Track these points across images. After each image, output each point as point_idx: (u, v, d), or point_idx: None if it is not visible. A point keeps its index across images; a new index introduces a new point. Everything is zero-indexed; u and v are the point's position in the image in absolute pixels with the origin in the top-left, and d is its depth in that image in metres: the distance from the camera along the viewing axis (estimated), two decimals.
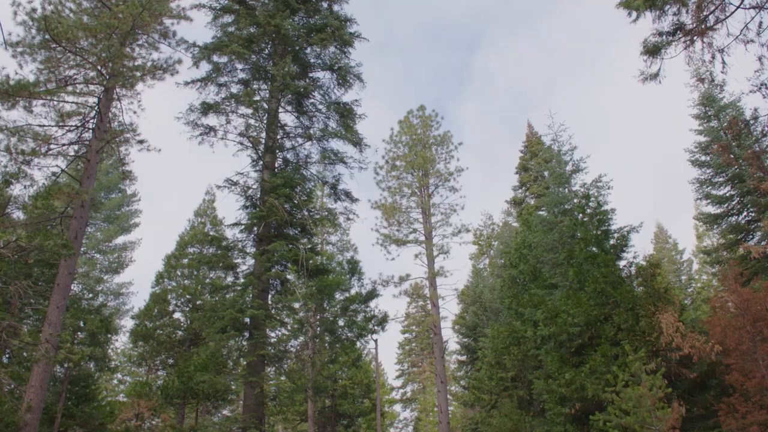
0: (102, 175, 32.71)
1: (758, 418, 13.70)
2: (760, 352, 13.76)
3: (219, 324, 22.01)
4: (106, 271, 36.14)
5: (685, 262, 47.26)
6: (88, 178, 18.04)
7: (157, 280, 30.33)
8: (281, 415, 28.83)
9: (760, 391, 13.99)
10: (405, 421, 58.88)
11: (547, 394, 17.48)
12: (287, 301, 25.08)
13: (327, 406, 33.62)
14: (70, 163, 19.38)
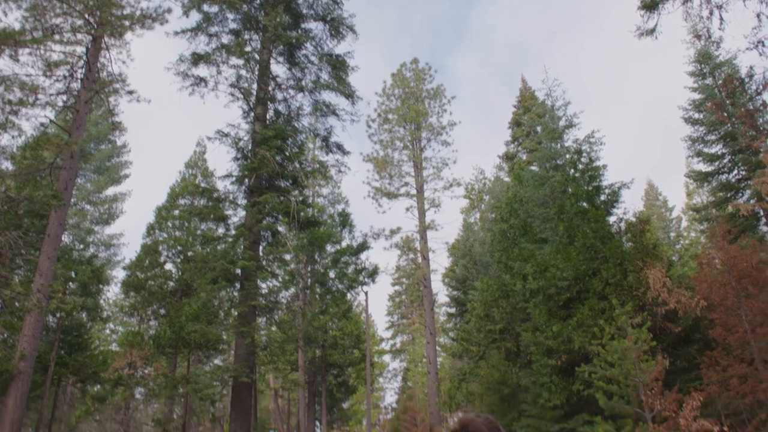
0: (91, 126, 32.38)
1: (738, 371, 14.02)
2: (744, 307, 13.99)
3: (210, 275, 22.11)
4: (97, 222, 36.10)
5: (675, 219, 47.61)
6: (77, 129, 17.86)
7: (148, 232, 30.34)
8: (272, 364, 29.24)
9: (742, 345, 14.28)
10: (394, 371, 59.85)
11: (535, 346, 17.76)
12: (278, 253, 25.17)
13: (317, 356, 34.07)
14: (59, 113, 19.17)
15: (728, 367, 14.21)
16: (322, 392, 34.81)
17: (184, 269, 27.78)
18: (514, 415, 19.59)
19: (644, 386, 12.86)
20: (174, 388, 23.06)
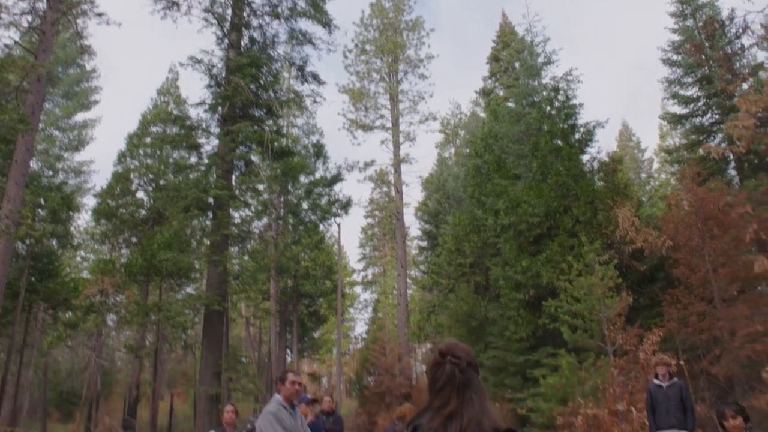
0: (59, 49, 31.38)
1: (698, 308, 14.47)
2: (708, 248, 14.33)
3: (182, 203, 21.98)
4: (66, 148, 35.43)
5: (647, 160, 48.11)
6: (43, 51, 17.30)
7: (119, 159, 29.84)
8: (244, 293, 29.39)
9: (703, 285, 14.70)
10: (365, 302, 60.68)
11: (504, 281, 18.07)
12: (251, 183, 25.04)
13: (289, 286, 34.36)
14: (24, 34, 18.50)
15: (689, 305, 14.66)
16: (293, 322, 35.29)
17: (156, 197, 27.54)
18: (480, 347, 20.10)
19: (608, 321, 13.25)
20: (146, 316, 23.20)
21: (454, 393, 2.28)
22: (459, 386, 2.29)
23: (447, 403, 2.26)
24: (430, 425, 2.23)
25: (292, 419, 5.51)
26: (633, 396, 11.50)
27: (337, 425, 10.58)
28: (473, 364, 2.36)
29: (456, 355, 2.34)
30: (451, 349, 2.37)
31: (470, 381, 2.31)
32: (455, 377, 2.30)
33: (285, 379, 5.63)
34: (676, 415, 9.20)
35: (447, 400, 2.27)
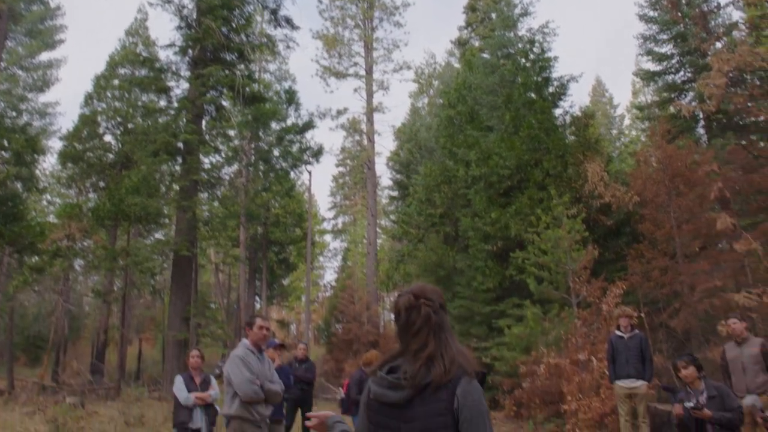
0: None
1: (660, 263, 14.78)
2: (673, 205, 14.55)
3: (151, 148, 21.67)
4: (30, 89, 34.38)
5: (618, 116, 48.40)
6: None
7: (86, 101, 29.06)
8: (213, 239, 29.25)
9: (667, 240, 14.98)
10: (334, 250, 60.88)
11: (473, 232, 18.22)
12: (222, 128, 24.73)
13: (259, 233, 34.27)
14: None
15: (652, 260, 14.96)
16: (262, 269, 35.32)
17: (124, 141, 27.02)
18: (448, 297, 20.36)
19: (573, 274, 13.48)
20: (114, 261, 23.01)
21: (431, 335, 2.28)
22: (434, 328, 2.30)
23: (426, 346, 2.25)
24: (410, 368, 2.23)
25: (260, 363, 5.56)
26: (594, 346, 11.78)
27: (310, 372, 10.72)
28: (444, 306, 2.37)
29: (429, 298, 2.35)
30: (424, 292, 2.37)
31: (443, 323, 2.33)
32: (431, 319, 2.30)
33: (253, 323, 5.66)
34: (635, 365, 9.49)
35: (425, 342, 2.26)
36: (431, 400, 2.15)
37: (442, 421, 2.12)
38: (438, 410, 2.14)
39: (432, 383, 2.16)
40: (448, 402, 2.13)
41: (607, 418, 10.68)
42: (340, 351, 31.89)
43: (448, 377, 2.17)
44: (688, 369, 5.38)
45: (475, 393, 2.17)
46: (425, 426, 2.15)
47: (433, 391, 2.16)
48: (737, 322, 7.85)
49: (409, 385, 2.18)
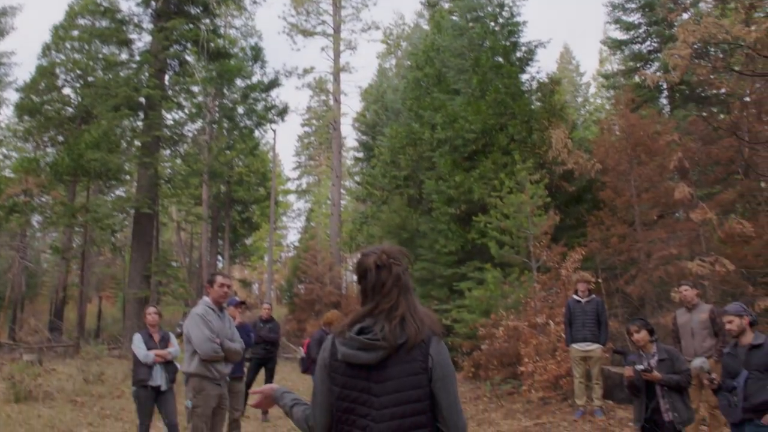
0: None
1: (619, 230, 15.05)
2: (634, 173, 14.76)
3: (112, 102, 21.18)
4: None
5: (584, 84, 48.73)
6: None
7: (43, 52, 28.08)
8: (175, 197, 28.93)
9: (626, 208, 15.23)
10: (298, 211, 60.71)
11: (437, 195, 18.29)
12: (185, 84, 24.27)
13: (222, 192, 33.97)
14: None
15: (611, 227, 15.22)
16: (225, 228, 35.08)
17: (84, 95, 26.26)
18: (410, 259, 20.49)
19: (534, 239, 13.65)
20: (73, 217, 22.61)
21: (401, 295, 2.27)
22: (403, 289, 2.30)
23: (397, 306, 2.25)
24: (384, 327, 2.22)
25: (220, 321, 5.54)
26: (552, 310, 12.00)
27: (274, 332, 10.74)
28: (408, 268, 2.39)
29: (398, 258, 2.35)
30: (393, 252, 2.36)
31: (410, 284, 2.34)
32: (400, 279, 2.30)
33: (214, 281, 5.62)
34: (591, 329, 9.72)
35: (396, 302, 2.25)
36: (405, 359, 2.17)
37: (417, 380, 2.15)
38: (413, 370, 2.16)
39: (407, 343, 2.17)
40: (423, 361, 2.15)
41: (562, 380, 10.95)
42: (302, 311, 32.03)
43: (421, 337, 2.18)
44: (640, 333, 5.53)
45: (445, 352, 2.21)
46: (399, 385, 2.16)
47: (407, 351, 2.17)
48: (689, 288, 8.08)
49: (385, 345, 2.18)
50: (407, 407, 2.14)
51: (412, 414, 2.13)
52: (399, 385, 2.16)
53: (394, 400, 2.15)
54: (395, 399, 2.15)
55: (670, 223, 14.70)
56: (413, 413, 2.13)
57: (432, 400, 2.15)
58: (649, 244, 14.09)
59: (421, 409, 2.14)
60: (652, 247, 13.90)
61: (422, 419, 2.13)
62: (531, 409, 10.99)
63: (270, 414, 10.80)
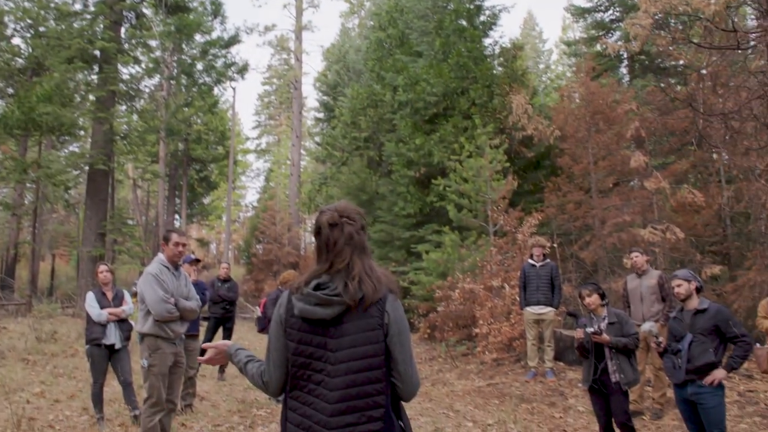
0: None
1: (576, 197, 15.31)
2: (592, 141, 14.95)
3: (65, 54, 20.53)
4: None
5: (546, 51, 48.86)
6: None
7: None
8: (131, 154, 28.32)
9: (583, 175, 15.46)
10: (257, 171, 60.13)
11: (397, 157, 18.29)
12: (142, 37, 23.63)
13: (180, 150, 33.42)
14: None
15: (568, 194, 15.46)
16: (182, 186, 34.62)
17: (35, 45, 25.28)
18: (369, 221, 20.53)
19: (492, 203, 13.80)
20: (24, 173, 21.97)
21: (354, 254, 2.29)
22: (357, 248, 2.30)
23: (352, 264, 2.26)
24: (342, 284, 2.23)
25: (175, 279, 5.48)
26: (508, 274, 12.19)
27: (232, 291, 10.72)
28: (365, 228, 2.38)
29: (352, 217, 2.35)
30: (347, 211, 2.35)
31: (365, 244, 2.34)
32: (353, 238, 2.31)
33: (169, 239, 5.52)
34: (545, 293, 9.93)
35: (350, 261, 2.27)
36: (362, 315, 2.19)
37: (373, 336, 2.17)
38: (369, 325, 2.18)
39: (364, 300, 2.19)
40: (379, 317, 2.18)
41: (515, 342, 11.19)
42: (260, 271, 31.99)
43: (378, 294, 2.20)
44: (591, 297, 5.68)
45: (400, 310, 2.25)
46: (354, 341, 2.18)
47: (364, 308, 2.19)
48: (639, 255, 8.29)
49: (343, 301, 2.19)
50: (362, 362, 2.17)
51: (367, 369, 2.17)
52: (355, 340, 2.18)
53: (349, 355, 2.18)
54: (351, 354, 2.18)
55: (625, 191, 14.99)
56: (368, 368, 2.17)
57: (387, 356, 2.19)
58: (604, 211, 14.36)
59: (376, 363, 2.17)
60: (607, 214, 14.18)
61: (377, 374, 2.17)
62: (484, 370, 11.22)
63: (226, 373, 10.85)
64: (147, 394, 5.26)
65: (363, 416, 2.15)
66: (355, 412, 2.15)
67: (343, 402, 2.17)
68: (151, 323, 5.26)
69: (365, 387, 2.16)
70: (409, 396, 2.22)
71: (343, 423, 2.16)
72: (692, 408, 5.12)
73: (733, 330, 5.00)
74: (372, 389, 2.16)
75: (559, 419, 7.94)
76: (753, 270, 11.19)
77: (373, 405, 2.15)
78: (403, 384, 2.19)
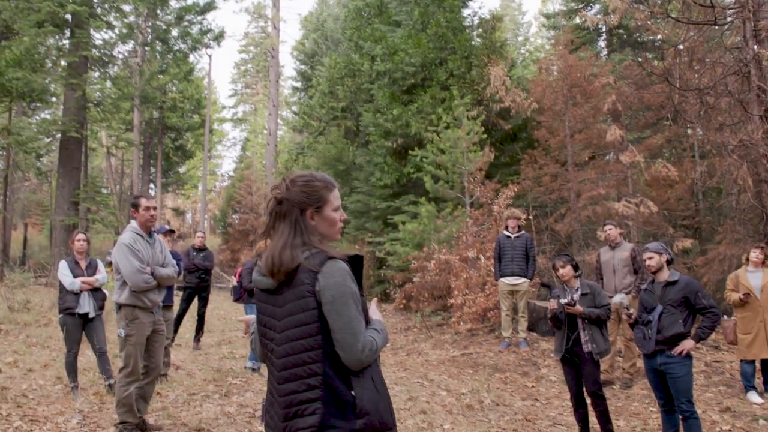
0: None
1: (552, 170, 15.42)
2: (569, 114, 15.01)
3: (35, 17, 20.01)
4: None
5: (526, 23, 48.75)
6: None
7: None
8: (105, 122, 27.86)
9: (560, 148, 15.56)
10: (234, 140, 59.66)
11: (374, 128, 18.22)
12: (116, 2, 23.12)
13: (155, 118, 32.97)
14: None
15: (544, 166, 15.56)
16: (157, 155, 34.21)
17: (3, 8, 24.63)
18: (345, 191, 20.54)
19: (469, 174, 13.83)
20: None
21: (278, 220, 2.31)
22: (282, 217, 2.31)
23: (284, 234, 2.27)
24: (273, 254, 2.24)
25: (150, 247, 5.41)
26: (483, 245, 12.27)
27: (207, 260, 10.68)
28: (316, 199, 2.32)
29: (293, 182, 2.32)
30: (294, 182, 2.33)
31: (292, 211, 2.30)
32: (281, 206, 2.31)
33: (138, 205, 5.41)
34: (519, 264, 10.03)
35: (283, 230, 2.28)
36: (296, 283, 2.19)
37: (305, 303, 2.16)
38: (300, 293, 2.18)
39: (299, 267, 2.19)
40: (310, 285, 2.16)
41: (489, 313, 11.31)
42: (236, 241, 31.87)
43: (313, 262, 2.19)
44: (565, 268, 5.76)
45: (337, 274, 2.18)
46: (291, 309, 2.20)
47: (296, 276, 2.19)
48: (613, 228, 8.40)
49: (269, 272, 2.22)
50: (297, 330, 2.18)
51: (302, 337, 2.17)
52: (291, 309, 2.20)
53: (287, 324, 2.21)
54: (288, 322, 2.21)
55: (601, 165, 15.12)
56: (302, 336, 2.17)
57: (324, 324, 2.17)
58: (580, 184, 14.49)
59: (308, 332, 2.17)
60: (582, 187, 14.31)
61: (311, 342, 2.16)
62: (459, 340, 11.35)
63: (202, 342, 10.86)
64: (123, 363, 5.23)
65: (303, 384, 2.16)
66: (297, 380, 2.18)
67: (286, 370, 2.20)
68: (128, 293, 5.22)
69: (301, 355, 2.17)
70: (352, 364, 2.17)
71: (287, 390, 2.19)
72: (661, 377, 5.24)
73: (702, 301, 5.11)
74: (308, 357, 2.16)
75: (532, 388, 8.08)
76: (723, 244, 11.39)
77: (311, 373, 2.16)
78: (343, 352, 2.15)
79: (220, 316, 15.91)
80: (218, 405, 6.36)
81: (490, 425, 6.08)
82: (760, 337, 7.29)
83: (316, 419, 2.12)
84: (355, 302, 2.18)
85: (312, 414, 2.14)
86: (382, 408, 2.22)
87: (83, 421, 5.73)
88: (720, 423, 6.44)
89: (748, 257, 7.70)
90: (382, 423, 2.19)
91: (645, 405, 7.27)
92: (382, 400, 2.24)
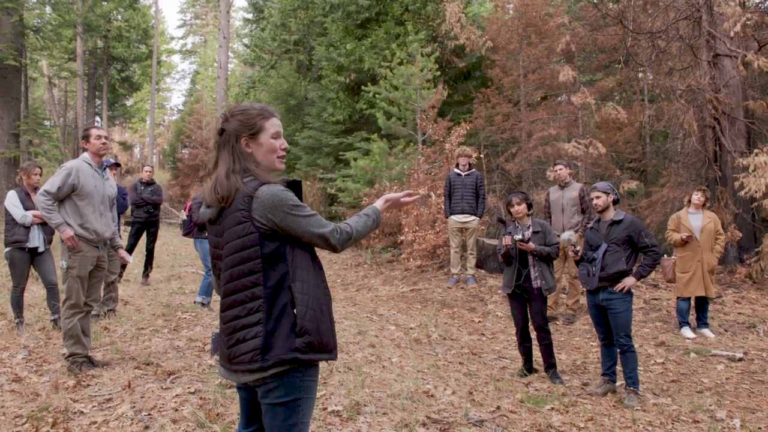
0: None
1: (504, 109, 15.48)
2: (523, 54, 14.99)
3: None
4: None
5: None
6: None
7: None
8: (46, 50, 26.72)
9: (513, 88, 15.59)
10: (183, 72, 58.20)
11: (327, 62, 17.92)
12: None
13: (99, 47, 31.75)
14: None
15: (497, 105, 15.60)
16: (103, 86, 33.12)
17: None
18: (297, 126, 20.30)
19: (421, 112, 13.79)
20: None
21: (231, 155, 2.31)
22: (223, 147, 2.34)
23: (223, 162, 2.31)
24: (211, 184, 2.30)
25: (96, 178, 5.25)
26: (435, 183, 12.34)
27: (156, 195, 10.51)
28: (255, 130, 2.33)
29: (233, 114, 2.34)
30: (234, 113, 2.36)
31: (230, 141, 2.32)
32: (222, 134, 2.34)
33: (89, 135, 5.26)
34: (469, 202, 10.11)
35: (224, 160, 2.32)
36: (233, 210, 2.22)
37: (241, 229, 2.20)
38: (237, 219, 2.21)
39: (237, 192, 2.22)
40: (245, 210, 2.19)
41: (439, 249, 11.47)
42: (186, 177, 31.38)
43: (248, 188, 2.21)
44: (520, 206, 5.86)
45: (272, 190, 2.20)
46: (230, 235, 2.24)
47: (235, 202, 2.22)
48: (563, 168, 8.52)
49: (214, 201, 2.26)
50: (236, 256, 2.23)
51: (240, 262, 2.22)
52: (230, 234, 2.24)
53: (228, 251, 2.26)
54: (228, 249, 2.26)
55: (552, 106, 15.23)
56: (241, 261, 2.22)
57: (262, 248, 2.20)
58: (531, 125, 14.60)
59: (248, 255, 2.21)
60: (534, 128, 14.42)
61: (250, 266, 2.21)
62: (409, 276, 11.50)
63: (151, 278, 10.77)
64: (65, 295, 5.15)
65: (245, 308, 2.21)
66: (239, 305, 2.23)
67: (229, 296, 2.26)
68: (76, 224, 5.09)
69: (242, 280, 2.22)
70: (339, 248, 2.31)
71: (231, 316, 2.25)
72: (602, 313, 5.43)
73: (645, 240, 5.26)
74: (248, 281, 2.21)
75: (478, 323, 8.29)
76: (667, 187, 11.70)
77: (252, 297, 2.20)
78: (327, 246, 2.27)
79: (169, 251, 15.75)
80: (167, 339, 6.35)
81: (437, 358, 6.23)
82: (696, 276, 7.60)
83: (258, 342, 2.17)
84: (298, 210, 2.21)
85: (254, 337, 2.18)
86: (324, 329, 2.27)
87: (29, 356, 5.66)
88: (655, 356, 6.75)
89: (690, 199, 7.95)
90: (322, 344, 2.25)
91: (586, 339, 7.55)
92: (324, 321, 2.28)
